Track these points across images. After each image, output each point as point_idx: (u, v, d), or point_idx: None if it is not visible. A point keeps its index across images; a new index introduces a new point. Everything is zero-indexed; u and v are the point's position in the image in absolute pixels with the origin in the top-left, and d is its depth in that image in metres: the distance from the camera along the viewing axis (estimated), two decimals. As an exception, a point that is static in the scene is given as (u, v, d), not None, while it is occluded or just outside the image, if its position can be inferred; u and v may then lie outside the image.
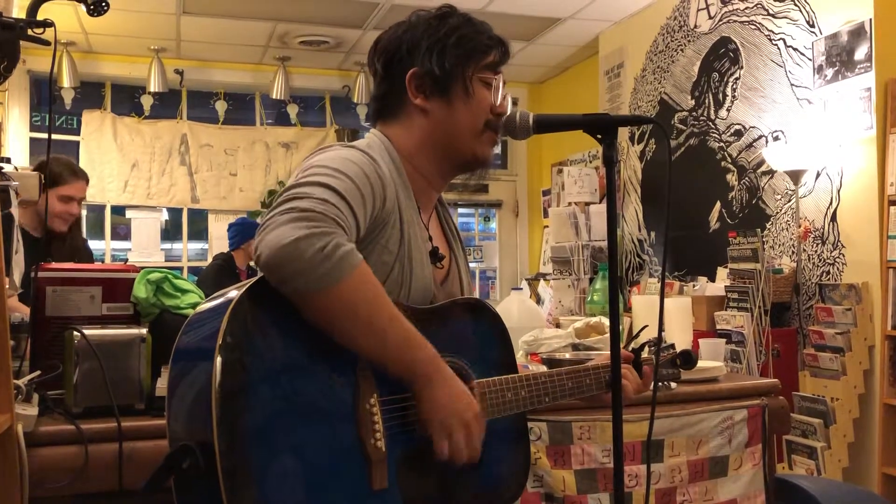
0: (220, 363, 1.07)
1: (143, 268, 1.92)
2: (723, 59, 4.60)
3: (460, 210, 7.28)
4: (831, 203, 3.79)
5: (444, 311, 1.40)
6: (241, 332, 1.11)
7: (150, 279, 1.85)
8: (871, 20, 3.59)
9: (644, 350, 1.65)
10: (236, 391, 1.08)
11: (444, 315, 1.39)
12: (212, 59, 6.32)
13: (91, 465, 1.53)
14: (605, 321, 2.40)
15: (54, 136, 5.90)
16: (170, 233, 6.55)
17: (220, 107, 6.51)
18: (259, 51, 6.16)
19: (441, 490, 1.32)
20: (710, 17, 4.70)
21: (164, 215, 6.44)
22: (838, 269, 3.74)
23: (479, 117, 1.46)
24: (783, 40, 4.12)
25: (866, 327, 3.54)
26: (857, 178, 3.66)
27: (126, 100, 6.38)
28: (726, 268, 4.08)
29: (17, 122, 5.94)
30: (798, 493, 2.23)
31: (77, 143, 6.09)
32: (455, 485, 1.34)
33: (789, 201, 4.04)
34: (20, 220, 1.81)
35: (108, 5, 1.82)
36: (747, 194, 4.38)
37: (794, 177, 3.85)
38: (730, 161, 4.53)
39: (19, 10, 2.20)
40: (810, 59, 3.92)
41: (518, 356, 2.16)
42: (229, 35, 5.77)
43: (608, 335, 1.67)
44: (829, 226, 3.80)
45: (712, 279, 4.40)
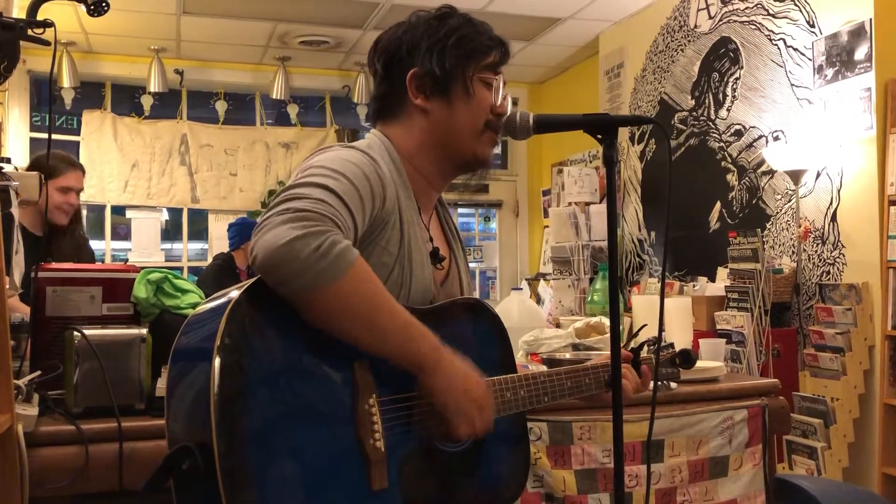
0: (219, 364, 1.07)
1: (143, 268, 1.92)
2: (723, 59, 4.60)
3: (460, 210, 7.28)
4: (831, 203, 3.79)
5: (444, 312, 1.40)
6: (239, 333, 1.11)
7: (151, 279, 1.85)
8: (871, 20, 3.59)
9: (643, 349, 1.65)
10: (235, 393, 1.08)
11: (443, 315, 1.39)
12: (212, 59, 6.32)
13: (91, 465, 1.53)
14: (606, 321, 2.40)
15: (54, 136, 5.90)
16: (170, 233, 6.55)
17: (221, 107, 6.51)
18: (259, 51, 6.16)
19: (441, 490, 1.32)
20: (711, 17, 4.70)
21: (165, 215, 6.44)
22: (838, 269, 3.74)
23: (480, 117, 1.46)
24: (783, 40, 4.12)
25: (866, 327, 3.54)
26: (858, 178, 3.66)
27: (126, 100, 6.38)
28: (726, 268, 4.08)
29: (17, 122, 5.94)
30: (798, 493, 2.23)
31: (77, 143, 6.09)
32: (455, 485, 1.34)
33: (789, 201, 4.04)
34: (20, 219, 1.81)
35: (108, 5, 1.82)
36: (747, 194, 4.38)
37: (795, 177, 3.85)
38: (730, 161, 4.53)
39: (19, 11, 2.20)
40: (810, 59, 3.92)
41: (518, 356, 2.16)
42: (229, 35, 5.77)
43: (608, 335, 1.67)
44: (829, 226, 3.80)
45: (712, 279, 4.40)
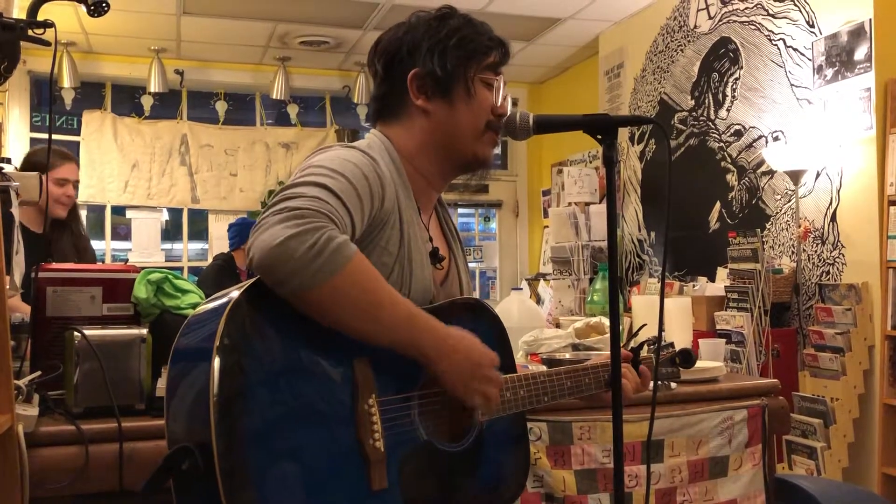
0: (218, 365, 1.07)
1: (143, 268, 1.92)
2: (723, 59, 4.60)
3: (460, 210, 7.28)
4: (831, 203, 3.79)
5: (444, 312, 1.40)
6: (239, 333, 1.11)
7: (151, 279, 1.85)
8: (870, 20, 3.59)
9: (643, 349, 1.65)
10: (234, 393, 1.08)
11: (443, 315, 1.38)
12: (212, 59, 6.32)
13: (91, 465, 1.53)
14: (605, 321, 2.40)
15: (54, 137, 5.89)
16: (170, 233, 6.55)
17: (221, 107, 6.51)
18: (259, 51, 6.16)
19: (441, 490, 1.32)
20: (710, 18, 4.70)
21: (165, 215, 6.44)
22: (838, 269, 3.74)
23: (481, 118, 1.46)
24: (783, 40, 4.12)
25: (866, 327, 3.54)
26: (857, 178, 3.66)
27: (126, 100, 6.38)
28: (726, 268, 4.08)
29: (17, 122, 5.94)
30: (798, 493, 2.23)
31: (77, 143, 6.09)
32: (455, 484, 1.34)
33: (789, 201, 4.04)
34: (20, 216, 1.81)
35: (108, 6, 1.82)
36: (747, 194, 4.38)
37: (794, 177, 3.85)
38: (730, 161, 4.53)
39: (20, 11, 2.20)
40: (810, 60, 3.92)
41: (518, 356, 2.16)
42: (229, 35, 5.77)
43: (608, 335, 1.67)
44: (828, 226, 3.80)
45: (712, 279, 4.40)
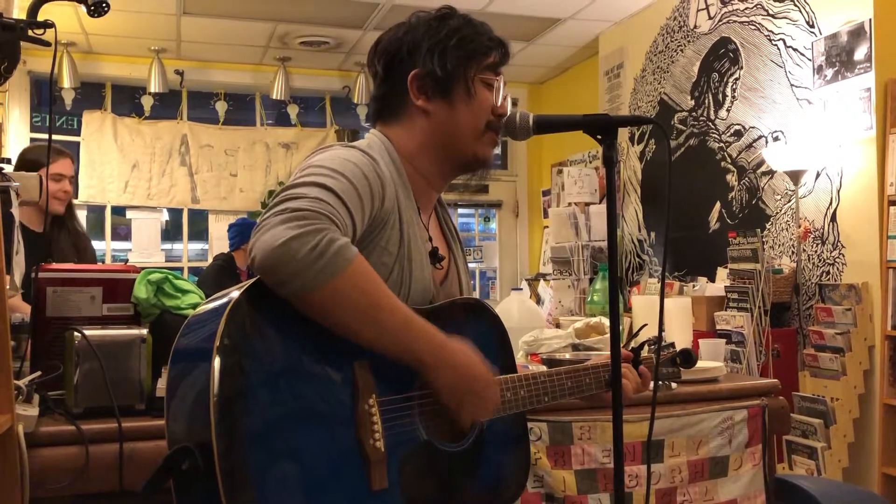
0: (219, 365, 1.07)
1: (143, 268, 1.92)
2: (722, 59, 4.60)
3: (460, 210, 7.28)
4: (831, 203, 3.79)
5: (444, 312, 1.40)
6: (239, 334, 1.11)
7: (151, 280, 1.85)
8: (870, 20, 3.59)
9: (643, 349, 1.65)
10: (235, 393, 1.08)
11: (443, 315, 1.39)
12: (212, 59, 6.33)
13: (91, 465, 1.53)
14: (606, 321, 2.40)
15: (54, 137, 5.90)
16: (170, 233, 6.55)
17: (221, 107, 6.51)
18: (259, 51, 6.16)
19: (441, 490, 1.32)
20: (710, 18, 4.70)
21: (165, 216, 6.44)
22: (838, 269, 3.74)
23: (481, 118, 1.46)
24: (783, 40, 4.12)
25: (866, 327, 3.54)
26: (857, 178, 3.66)
27: (126, 100, 6.39)
28: (726, 268, 4.08)
29: (17, 122, 5.94)
30: (798, 493, 2.23)
31: (77, 143, 6.09)
32: (455, 485, 1.34)
33: (789, 201, 4.04)
34: (19, 216, 1.81)
35: (108, 6, 1.82)
36: (747, 194, 4.38)
37: (794, 177, 3.85)
38: (730, 161, 4.53)
39: (20, 11, 2.20)
40: (810, 60, 3.92)
41: (518, 356, 2.16)
42: (229, 35, 5.77)
43: (608, 335, 1.67)
44: (828, 226, 3.80)
45: (712, 279, 4.40)
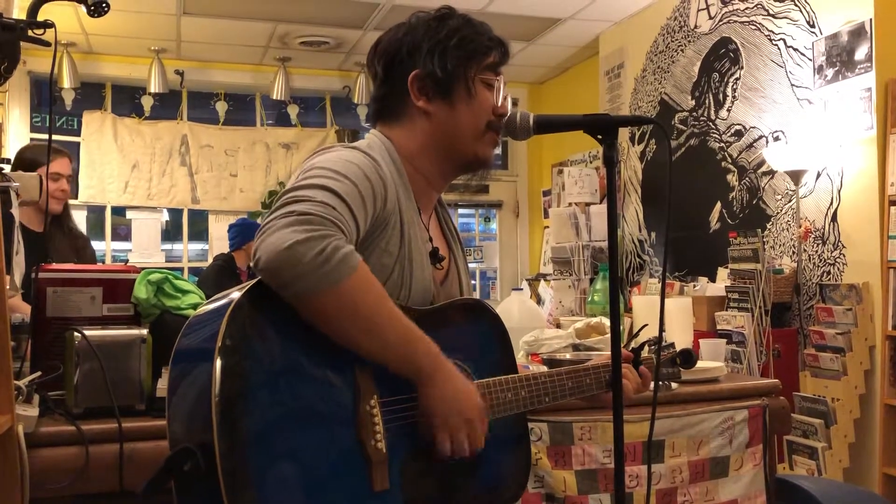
0: (220, 366, 1.07)
1: (143, 268, 1.92)
2: (723, 59, 4.60)
3: (461, 210, 7.28)
4: (832, 203, 3.79)
5: (444, 312, 1.40)
6: (240, 334, 1.11)
7: (151, 280, 1.85)
8: (871, 20, 3.59)
9: (643, 349, 1.65)
10: (236, 394, 1.08)
11: (443, 316, 1.39)
12: (212, 59, 6.33)
13: (92, 465, 1.53)
14: (606, 321, 2.40)
15: (54, 137, 5.89)
16: (170, 233, 6.55)
17: (221, 107, 6.51)
18: (259, 51, 6.16)
19: (442, 490, 1.32)
20: (711, 18, 4.70)
21: (165, 216, 6.44)
22: (839, 269, 3.74)
23: (482, 118, 1.46)
24: (783, 40, 4.12)
25: (867, 327, 3.54)
26: (858, 178, 3.66)
27: (126, 100, 6.38)
28: (727, 268, 4.08)
29: (17, 122, 5.94)
30: (799, 493, 2.23)
31: (77, 143, 6.09)
32: (456, 485, 1.34)
33: (790, 201, 4.04)
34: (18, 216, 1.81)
35: (108, 6, 1.82)
36: (748, 194, 4.38)
37: (795, 177, 3.85)
38: (730, 161, 4.52)
39: (20, 11, 2.20)
40: (810, 60, 3.92)
41: (518, 356, 2.16)
42: (229, 35, 5.77)
43: (609, 335, 1.67)
44: (829, 226, 3.80)
45: (713, 279, 4.39)
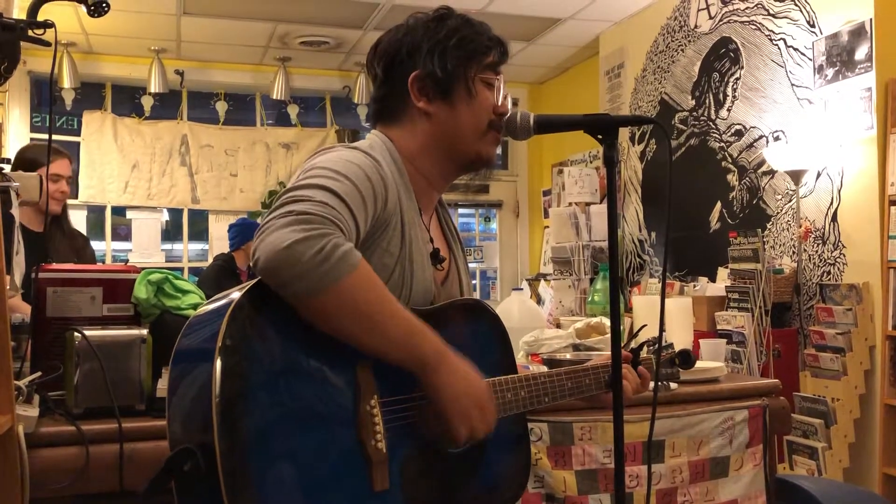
0: (220, 366, 1.07)
1: (143, 268, 1.92)
2: (723, 59, 4.60)
3: (461, 210, 7.28)
4: (832, 203, 3.79)
5: (444, 313, 1.40)
6: (241, 335, 1.11)
7: (151, 280, 1.85)
8: (871, 20, 3.59)
9: (643, 349, 1.65)
10: (236, 394, 1.08)
11: (443, 316, 1.39)
12: (212, 59, 6.32)
13: (92, 466, 1.53)
14: (606, 321, 2.40)
15: (55, 137, 5.89)
16: (170, 233, 6.55)
17: (221, 107, 6.51)
18: (259, 51, 6.16)
19: (442, 490, 1.32)
20: (711, 18, 4.70)
21: (165, 216, 6.44)
22: (839, 269, 3.74)
23: (482, 118, 1.46)
24: (783, 40, 4.12)
25: (867, 327, 3.54)
26: (858, 178, 3.66)
27: (126, 100, 6.38)
28: (727, 268, 4.08)
29: (17, 122, 5.94)
30: (799, 493, 2.23)
31: (77, 143, 6.09)
32: (456, 485, 1.34)
33: (790, 201, 4.04)
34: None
35: (108, 6, 1.82)
36: (748, 194, 4.38)
37: (795, 177, 3.85)
38: (730, 161, 4.52)
39: (20, 11, 2.20)
40: (811, 59, 3.92)
41: (518, 357, 2.16)
42: (229, 35, 5.77)
43: (609, 335, 1.67)
44: (829, 226, 3.80)
45: (713, 279, 4.39)
